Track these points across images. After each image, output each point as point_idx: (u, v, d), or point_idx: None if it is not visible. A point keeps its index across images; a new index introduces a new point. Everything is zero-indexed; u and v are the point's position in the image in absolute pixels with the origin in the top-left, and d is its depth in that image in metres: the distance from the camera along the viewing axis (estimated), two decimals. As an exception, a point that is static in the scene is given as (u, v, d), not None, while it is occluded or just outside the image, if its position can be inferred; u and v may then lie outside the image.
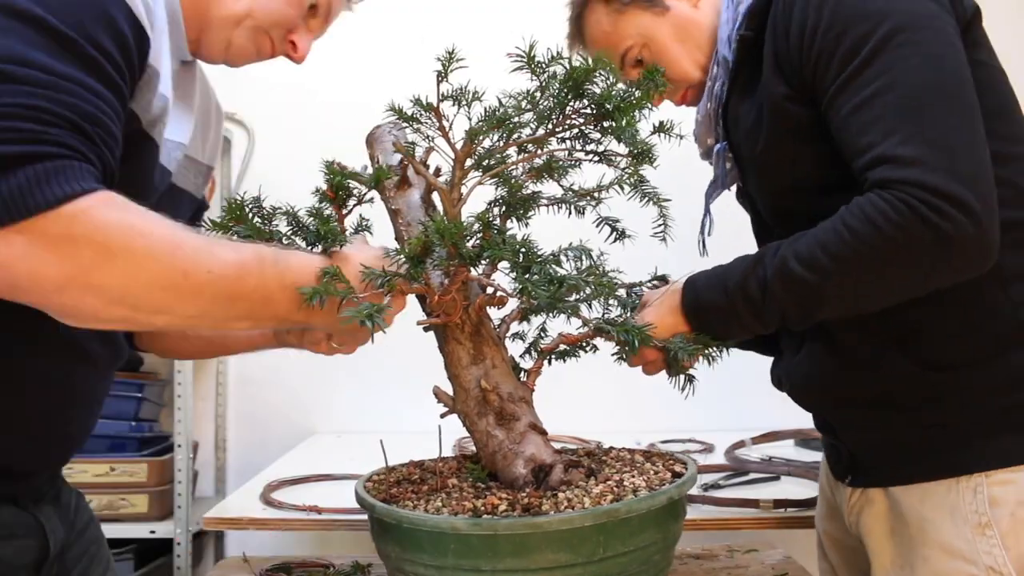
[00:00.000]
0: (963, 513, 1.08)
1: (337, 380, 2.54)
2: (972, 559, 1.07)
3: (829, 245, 1.01)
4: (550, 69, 0.98)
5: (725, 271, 1.11)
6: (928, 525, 1.11)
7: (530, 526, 0.90)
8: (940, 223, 0.95)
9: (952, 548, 1.09)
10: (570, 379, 1.31)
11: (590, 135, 1.05)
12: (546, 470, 1.01)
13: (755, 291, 1.06)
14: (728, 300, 1.08)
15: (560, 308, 0.97)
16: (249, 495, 1.76)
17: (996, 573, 1.07)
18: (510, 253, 0.97)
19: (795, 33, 1.08)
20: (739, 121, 1.21)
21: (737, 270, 1.09)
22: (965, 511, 1.08)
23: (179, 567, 2.22)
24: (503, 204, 1.10)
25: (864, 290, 1.03)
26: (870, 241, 0.99)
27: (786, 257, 1.04)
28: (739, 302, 1.07)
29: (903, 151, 0.98)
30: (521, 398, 1.06)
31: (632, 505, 0.94)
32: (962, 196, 0.96)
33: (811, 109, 1.09)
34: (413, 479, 1.12)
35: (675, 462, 1.10)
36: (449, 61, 0.95)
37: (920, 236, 0.96)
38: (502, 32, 1.33)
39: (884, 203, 0.98)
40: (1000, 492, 1.07)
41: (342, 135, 1.45)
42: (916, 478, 1.13)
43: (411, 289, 0.99)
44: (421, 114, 1.00)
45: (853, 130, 1.03)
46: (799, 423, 2.04)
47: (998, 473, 1.07)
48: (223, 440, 2.59)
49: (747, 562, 1.54)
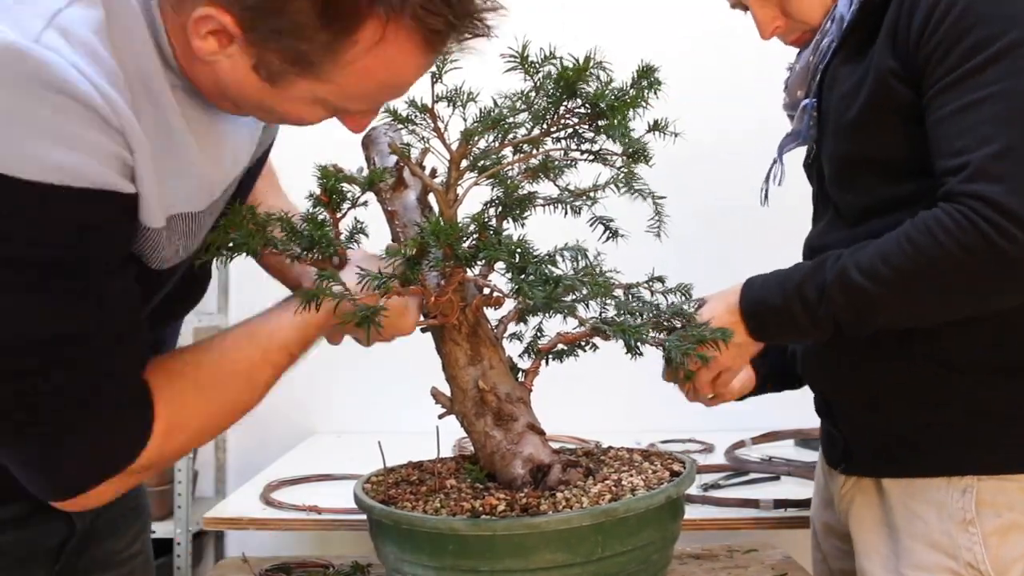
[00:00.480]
0: (949, 510, 1.09)
1: (337, 380, 2.54)
2: (953, 554, 1.08)
3: (891, 257, 1.01)
4: (543, 69, 0.98)
5: (785, 274, 1.12)
6: (915, 519, 1.12)
7: (528, 526, 0.91)
8: (1000, 242, 0.94)
9: (934, 542, 1.09)
10: (569, 379, 1.30)
11: (584, 135, 1.05)
12: (544, 470, 1.01)
13: (813, 295, 1.06)
14: (785, 301, 1.09)
15: (556, 308, 0.97)
16: (249, 495, 1.76)
17: (974, 570, 1.07)
18: (506, 254, 0.97)
19: (921, 14, 1.04)
20: (836, 83, 1.17)
21: (797, 273, 1.10)
22: (952, 508, 1.09)
23: (179, 567, 2.22)
24: (499, 205, 1.10)
25: (921, 306, 1.03)
26: (931, 256, 0.98)
27: (847, 265, 1.04)
28: (796, 304, 1.08)
29: (992, 165, 0.96)
30: (519, 398, 1.06)
31: (630, 504, 0.94)
32: (1013, 206, 0.94)
33: (914, 92, 1.06)
34: (412, 480, 1.12)
35: (673, 461, 1.10)
36: (443, 62, 0.95)
37: (981, 255, 0.96)
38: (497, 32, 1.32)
39: (949, 219, 0.97)
40: (989, 496, 1.08)
41: (342, 135, 1.45)
42: (909, 472, 1.13)
43: (408, 291, 0.99)
44: (416, 115, 1.00)
45: (952, 130, 1.01)
46: (799, 423, 2.04)
47: (991, 479, 1.08)
48: (223, 440, 2.59)
49: (747, 562, 1.53)
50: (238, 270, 2.56)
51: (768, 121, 1.48)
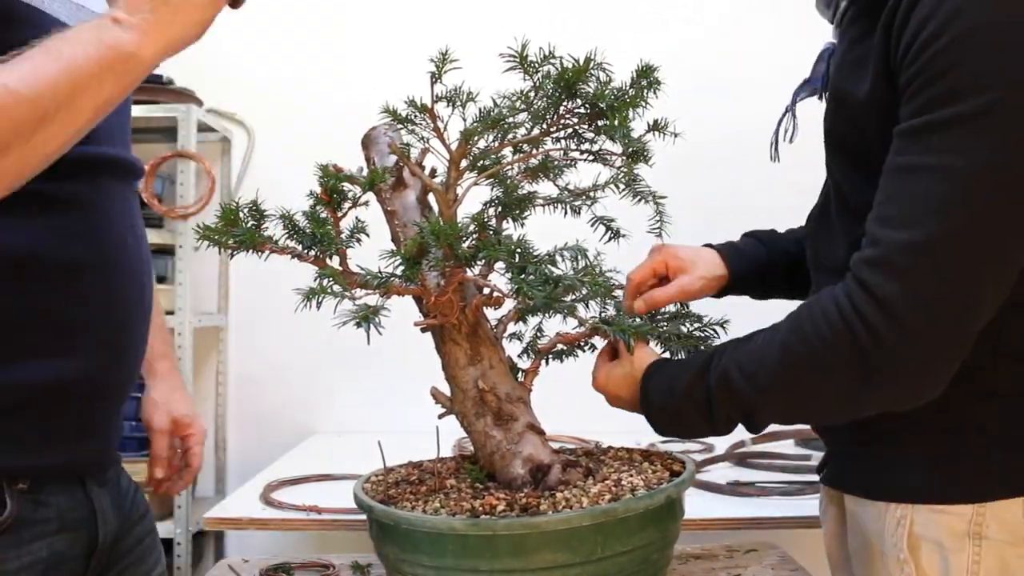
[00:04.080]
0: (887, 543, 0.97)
1: (337, 380, 2.54)
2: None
3: (767, 358, 0.93)
4: (543, 69, 0.98)
5: (679, 369, 1.03)
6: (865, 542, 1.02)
7: (528, 526, 0.91)
8: (867, 345, 0.84)
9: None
10: (570, 379, 1.31)
11: (584, 135, 1.05)
12: (544, 470, 1.01)
13: (701, 398, 0.98)
14: (677, 403, 1.01)
15: (556, 308, 0.97)
16: (249, 495, 1.76)
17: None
18: (506, 253, 0.97)
19: (910, 30, 0.85)
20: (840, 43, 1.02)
21: (689, 370, 1.00)
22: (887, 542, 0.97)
23: (179, 567, 2.22)
24: (499, 204, 1.10)
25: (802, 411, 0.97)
26: (796, 349, 0.90)
27: (728, 366, 0.96)
28: (688, 407, 1.00)
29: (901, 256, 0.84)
30: (519, 398, 1.06)
31: (630, 504, 0.94)
32: (902, 311, 0.83)
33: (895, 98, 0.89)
34: (411, 480, 1.12)
35: (674, 461, 1.10)
36: (443, 62, 0.95)
37: (836, 344, 0.86)
38: (496, 32, 1.33)
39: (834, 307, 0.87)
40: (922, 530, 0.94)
41: (343, 135, 1.45)
42: (856, 490, 1.04)
43: (407, 290, 0.99)
44: (416, 115, 1.00)
45: (889, 186, 0.87)
46: (799, 423, 2.04)
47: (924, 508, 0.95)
48: (223, 440, 2.59)
49: (747, 562, 1.53)
50: (238, 270, 2.58)
51: (769, 121, 1.48)
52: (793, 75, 1.24)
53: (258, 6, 2.90)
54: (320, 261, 0.99)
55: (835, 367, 0.88)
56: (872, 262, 0.86)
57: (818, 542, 1.34)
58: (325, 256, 0.99)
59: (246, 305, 2.59)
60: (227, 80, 2.54)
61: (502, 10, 2.51)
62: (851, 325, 0.86)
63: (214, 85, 2.48)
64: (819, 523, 1.25)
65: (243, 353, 2.60)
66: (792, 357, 0.91)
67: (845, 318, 0.86)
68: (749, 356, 0.95)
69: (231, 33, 2.65)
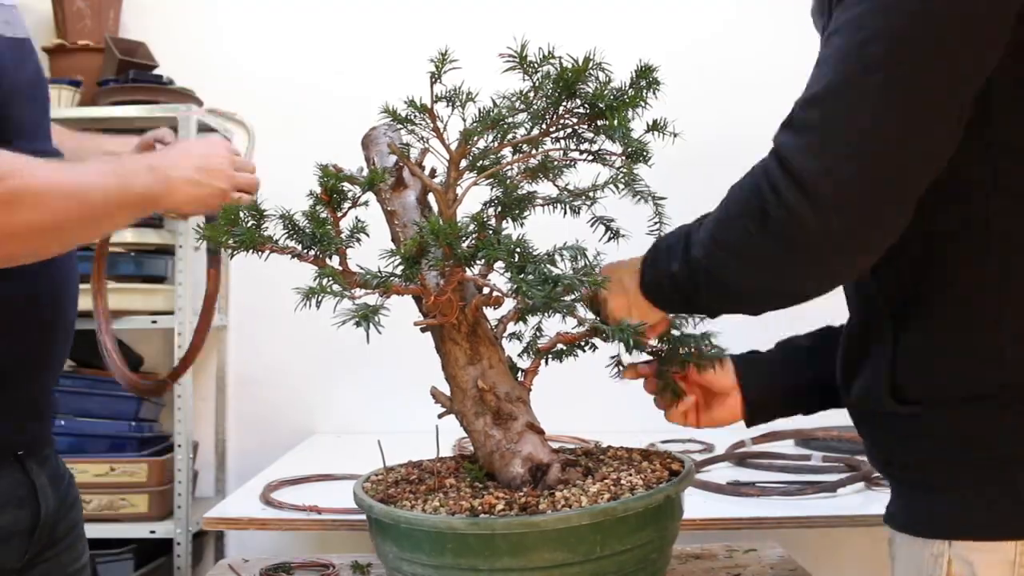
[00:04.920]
0: None
1: (337, 380, 2.55)
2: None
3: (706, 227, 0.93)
4: (542, 69, 0.98)
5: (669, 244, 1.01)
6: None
7: (527, 525, 0.91)
8: (776, 211, 0.83)
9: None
10: (570, 379, 1.31)
11: (584, 135, 1.05)
12: (543, 469, 1.01)
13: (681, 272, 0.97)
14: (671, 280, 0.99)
15: (556, 308, 0.97)
16: (249, 495, 1.76)
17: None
18: (505, 253, 0.97)
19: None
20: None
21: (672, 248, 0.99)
22: None
23: (179, 567, 2.22)
24: (498, 204, 1.10)
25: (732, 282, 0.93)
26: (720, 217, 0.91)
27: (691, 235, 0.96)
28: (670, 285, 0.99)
29: (800, 110, 0.84)
30: (518, 398, 1.06)
31: (629, 503, 0.94)
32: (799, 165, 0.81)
33: None
34: (411, 479, 1.12)
35: (673, 461, 1.10)
36: (442, 62, 0.95)
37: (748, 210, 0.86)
38: (496, 32, 1.33)
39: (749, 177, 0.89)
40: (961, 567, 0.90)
41: (343, 134, 1.46)
42: (895, 524, 1.00)
43: (407, 290, 0.99)
44: (415, 115, 1.00)
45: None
46: (799, 423, 2.04)
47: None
48: (223, 440, 2.59)
49: (747, 562, 1.54)
50: (238, 270, 2.58)
51: (769, 121, 1.48)
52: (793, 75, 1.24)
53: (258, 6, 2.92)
54: (320, 261, 0.99)
55: (749, 232, 0.87)
56: (782, 124, 0.87)
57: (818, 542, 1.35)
58: (325, 256, 0.99)
59: (246, 305, 2.59)
60: (227, 80, 2.54)
61: (502, 10, 2.51)
62: (759, 187, 0.86)
63: (214, 85, 2.49)
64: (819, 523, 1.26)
65: (243, 353, 2.60)
66: (720, 227, 0.92)
67: (756, 181, 0.87)
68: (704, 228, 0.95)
69: (231, 33, 2.66)
